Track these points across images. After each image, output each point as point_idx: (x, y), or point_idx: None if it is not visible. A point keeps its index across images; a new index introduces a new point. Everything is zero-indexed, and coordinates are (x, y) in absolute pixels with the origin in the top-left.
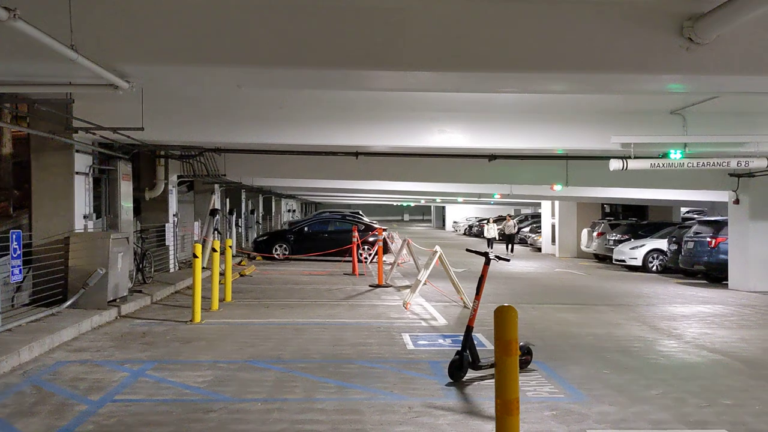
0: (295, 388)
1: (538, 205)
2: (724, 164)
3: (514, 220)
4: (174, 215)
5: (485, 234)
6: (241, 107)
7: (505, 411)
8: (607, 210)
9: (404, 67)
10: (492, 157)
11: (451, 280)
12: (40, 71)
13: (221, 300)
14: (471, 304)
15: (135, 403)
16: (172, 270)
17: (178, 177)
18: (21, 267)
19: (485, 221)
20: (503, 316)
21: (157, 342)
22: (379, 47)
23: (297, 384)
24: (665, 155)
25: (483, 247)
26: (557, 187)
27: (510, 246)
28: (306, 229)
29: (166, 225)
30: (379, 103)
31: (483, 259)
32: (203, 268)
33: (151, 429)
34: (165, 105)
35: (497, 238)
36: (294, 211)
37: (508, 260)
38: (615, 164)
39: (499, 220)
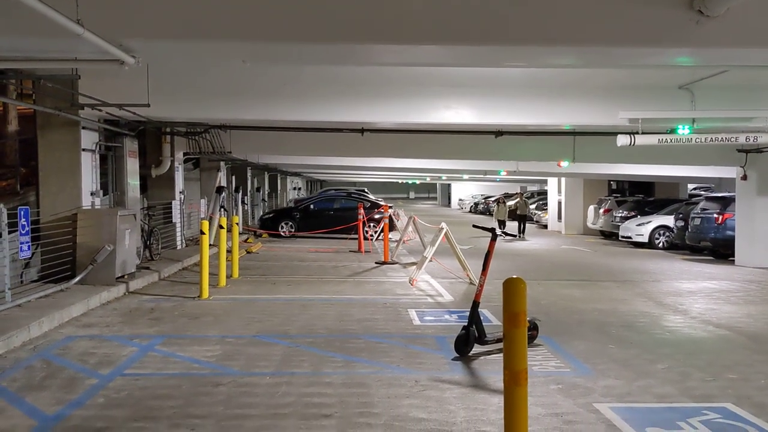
0: (302, 362)
1: (545, 182)
2: (732, 140)
3: (527, 198)
4: (180, 192)
5: (495, 215)
6: (246, 84)
7: (514, 381)
8: (614, 187)
9: (410, 41)
10: (498, 133)
11: (457, 256)
12: (45, 47)
13: (228, 276)
14: (477, 281)
15: (144, 377)
16: (179, 247)
17: (184, 154)
18: (29, 243)
19: (495, 199)
20: (512, 288)
21: (165, 317)
22: (385, 21)
23: (304, 358)
24: (673, 131)
25: (491, 225)
26: (564, 164)
27: (522, 226)
28: (312, 206)
29: (173, 202)
30: (386, 79)
31: (489, 236)
32: (210, 245)
33: (161, 402)
34: (171, 81)
35: (506, 220)
36: (299, 188)
37: (515, 236)
38: (623, 140)
39: (506, 199)
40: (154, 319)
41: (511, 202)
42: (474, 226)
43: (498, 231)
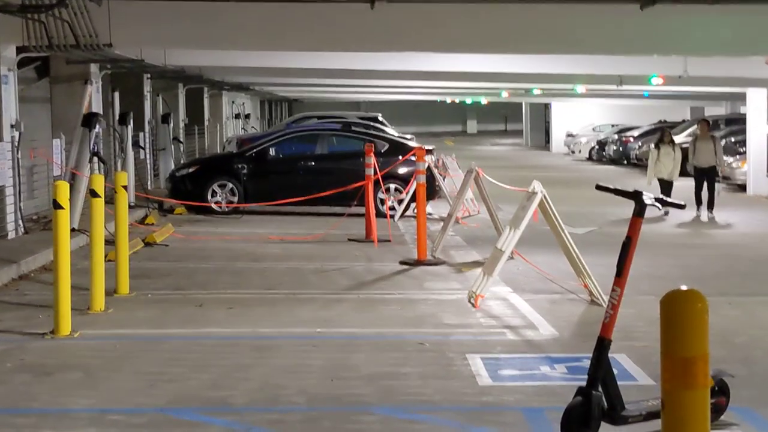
0: None
1: (740, 99)
2: None
3: (715, 134)
4: (13, 126)
5: (654, 168)
6: None
7: None
8: None
9: None
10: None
11: (565, 249)
12: None
13: (110, 292)
14: (604, 298)
15: None
16: (11, 234)
17: (19, 51)
18: None
19: (657, 137)
20: (679, 312)
21: None
22: None
23: None
24: None
25: (644, 188)
26: None
27: (710, 188)
28: (272, 151)
29: None
30: None
31: (629, 207)
32: (73, 229)
33: None
34: None
35: (674, 180)
36: (248, 117)
37: (682, 206)
38: None
39: (666, 131)
40: None
41: (680, 139)
42: (599, 187)
43: (648, 197)
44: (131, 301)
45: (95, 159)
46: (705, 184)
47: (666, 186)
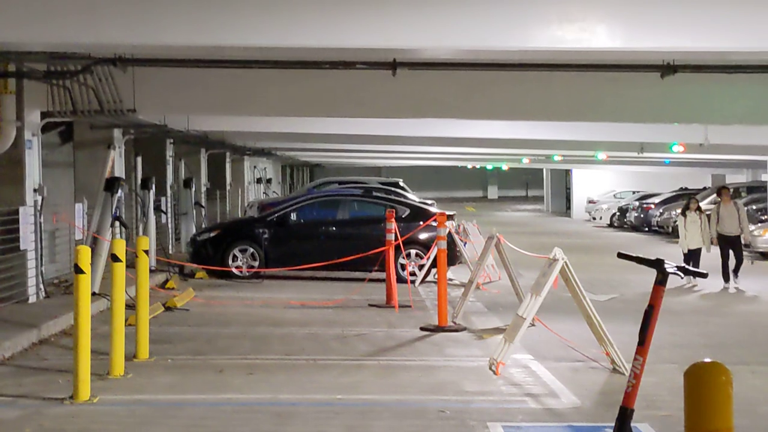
0: None
1: (761, 167)
2: None
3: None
4: (36, 191)
5: (686, 236)
6: None
7: None
8: None
9: None
10: (668, 68)
11: (587, 316)
12: None
13: (130, 357)
14: (626, 366)
15: None
16: (32, 298)
17: (43, 116)
18: None
19: (684, 204)
20: (703, 385)
21: None
22: None
23: None
24: None
25: (666, 255)
26: None
27: (738, 256)
28: (294, 216)
29: (21, 210)
30: None
31: (650, 274)
32: (94, 293)
33: None
34: None
35: (702, 247)
36: (269, 181)
37: (704, 276)
38: None
39: (693, 198)
40: None
41: (705, 206)
42: (621, 255)
43: (670, 265)
44: (151, 366)
45: (117, 223)
46: (735, 252)
47: (693, 255)
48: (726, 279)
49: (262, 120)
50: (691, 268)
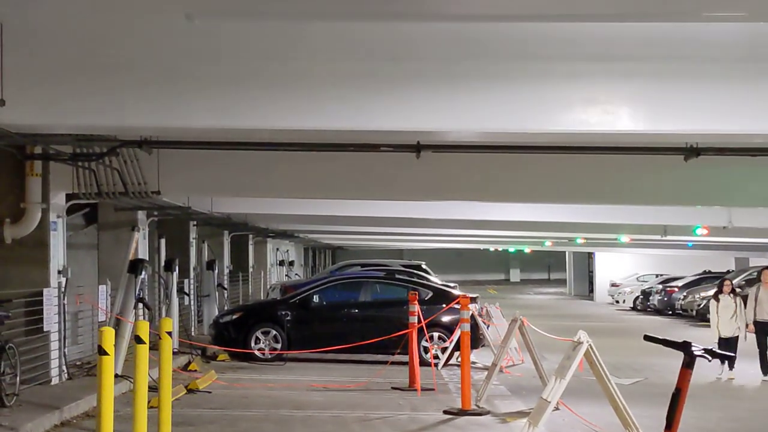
0: None
1: None
2: None
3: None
4: (60, 272)
5: (719, 322)
6: (194, 61)
7: None
8: None
9: None
10: (691, 151)
11: (611, 400)
12: None
13: None
14: None
15: None
16: (55, 380)
17: (68, 198)
18: None
19: (716, 289)
20: None
21: None
22: None
23: None
24: None
25: (691, 339)
26: None
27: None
28: (316, 298)
29: (45, 291)
30: (465, 47)
31: (676, 358)
32: (116, 375)
33: None
34: (47, 56)
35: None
36: (291, 263)
37: (732, 357)
38: None
39: (726, 280)
40: None
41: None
42: (647, 337)
43: (697, 348)
44: None
45: (140, 305)
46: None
47: (729, 344)
48: (765, 371)
49: (285, 202)
50: (718, 351)
